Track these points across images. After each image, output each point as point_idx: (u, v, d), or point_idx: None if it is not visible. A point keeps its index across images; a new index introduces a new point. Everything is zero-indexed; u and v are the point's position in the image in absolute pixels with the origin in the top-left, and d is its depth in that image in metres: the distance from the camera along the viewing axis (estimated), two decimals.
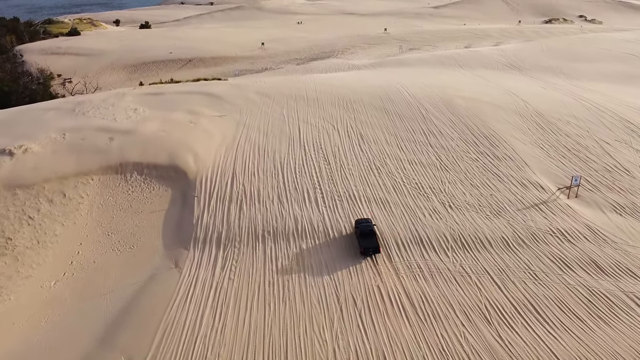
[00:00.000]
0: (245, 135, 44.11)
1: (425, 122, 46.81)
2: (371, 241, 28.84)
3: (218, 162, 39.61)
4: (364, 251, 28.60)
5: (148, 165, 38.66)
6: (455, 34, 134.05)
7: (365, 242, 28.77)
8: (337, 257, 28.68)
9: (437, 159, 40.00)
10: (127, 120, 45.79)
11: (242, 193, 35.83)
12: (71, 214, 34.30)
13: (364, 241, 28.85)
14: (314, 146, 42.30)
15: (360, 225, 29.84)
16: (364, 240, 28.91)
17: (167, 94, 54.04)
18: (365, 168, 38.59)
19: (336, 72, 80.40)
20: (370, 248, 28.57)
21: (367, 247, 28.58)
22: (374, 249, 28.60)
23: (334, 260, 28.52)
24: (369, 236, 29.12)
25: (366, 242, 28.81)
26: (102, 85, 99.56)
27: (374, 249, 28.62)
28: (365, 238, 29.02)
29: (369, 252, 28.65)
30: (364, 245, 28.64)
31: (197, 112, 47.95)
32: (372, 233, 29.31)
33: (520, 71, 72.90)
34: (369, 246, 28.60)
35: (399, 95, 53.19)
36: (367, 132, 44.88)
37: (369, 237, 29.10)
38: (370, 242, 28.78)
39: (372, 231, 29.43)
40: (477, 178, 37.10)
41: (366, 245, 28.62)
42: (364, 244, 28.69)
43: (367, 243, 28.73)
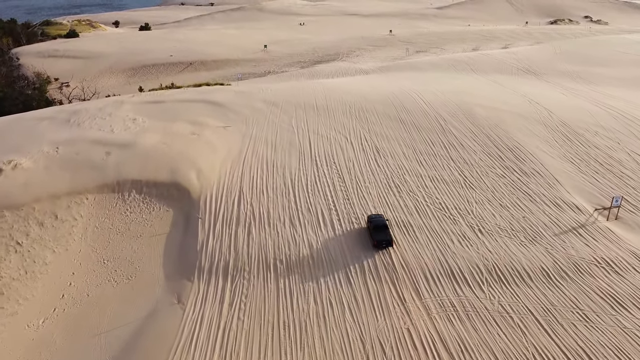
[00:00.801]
0: (252, 149, 41.07)
1: (444, 133, 43.76)
2: (384, 234, 29.02)
3: (223, 179, 36.56)
4: (377, 244, 28.74)
5: (148, 183, 35.62)
6: (462, 35, 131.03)
7: (379, 235, 28.93)
8: (360, 293, 25.62)
9: (461, 175, 36.95)
10: (126, 131, 42.75)
11: (250, 214, 32.78)
12: (63, 238, 31.25)
13: (377, 234, 29.02)
14: (327, 160, 39.25)
15: (373, 219, 30.07)
16: (377, 234, 29.07)
17: (168, 102, 51.00)
18: (384, 186, 35.54)
19: (343, 76, 77.32)
20: (383, 241, 28.74)
21: (381, 240, 28.74)
22: (387, 242, 28.79)
23: (356, 296, 25.46)
24: (382, 229, 29.30)
25: (379, 235, 28.96)
26: (101, 89, 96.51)
27: (387, 242, 28.80)
28: (379, 231, 29.18)
29: (382, 245, 28.76)
30: (377, 239, 28.81)
31: (200, 123, 44.92)
32: (385, 226, 29.53)
33: (536, 76, 69.85)
34: (382, 239, 28.76)
35: (415, 104, 50.15)
36: (383, 144, 41.83)
37: (382, 230, 29.26)
38: (383, 235, 28.94)
39: (385, 225, 29.63)
40: (506, 197, 34.04)
41: (379, 238, 28.78)
42: (377, 237, 28.85)
43: (381, 236, 28.89)
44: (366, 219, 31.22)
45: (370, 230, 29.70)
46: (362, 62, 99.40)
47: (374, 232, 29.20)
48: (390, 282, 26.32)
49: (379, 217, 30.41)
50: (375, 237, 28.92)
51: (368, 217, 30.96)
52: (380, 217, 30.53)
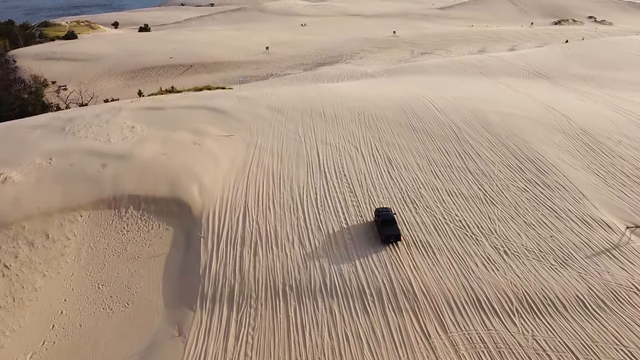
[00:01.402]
0: (257, 159, 38.77)
1: (459, 142, 41.46)
2: (393, 229, 29.00)
3: (227, 193, 34.25)
4: (385, 239, 28.69)
5: (146, 198, 33.31)
6: (467, 36, 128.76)
7: (387, 230, 28.91)
8: (379, 326, 23.31)
9: (480, 189, 34.63)
10: (123, 141, 40.45)
11: (256, 233, 30.46)
12: (55, 260, 28.94)
13: (386, 229, 28.97)
14: (336, 173, 36.94)
15: (381, 214, 30.01)
16: (385, 228, 29.01)
17: (168, 109, 48.70)
18: (399, 201, 33.22)
19: (349, 80, 75.04)
20: (391, 236, 28.70)
21: (389, 234, 28.70)
22: (395, 236, 28.74)
23: (375, 329, 23.16)
24: (390, 224, 29.23)
25: (388, 230, 28.94)
26: (99, 93, 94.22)
27: (395, 237, 28.75)
28: (387, 226, 29.11)
29: (390, 240, 28.72)
30: (385, 233, 28.76)
31: (202, 131, 42.61)
32: (393, 221, 29.45)
33: (549, 79, 67.53)
34: (391, 234, 28.73)
35: (426, 110, 47.84)
36: (395, 155, 39.52)
37: (391, 225, 29.21)
38: (391, 230, 28.92)
39: (393, 219, 29.57)
40: (530, 214, 31.72)
41: (387, 233, 28.76)
42: (386, 232, 28.81)
43: (389, 231, 28.87)
44: (374, 213, 31.20)
45: (378, 225, 29.60)
46: (366, 64, 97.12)
47: (382, 227, 29.10)
48: (412, 312, 24.02)
49: (386, 211, 30.27)
50: (383, 232, 28.86)
51: (375, 210, 30.88)
52: (388, 210, 30.44)
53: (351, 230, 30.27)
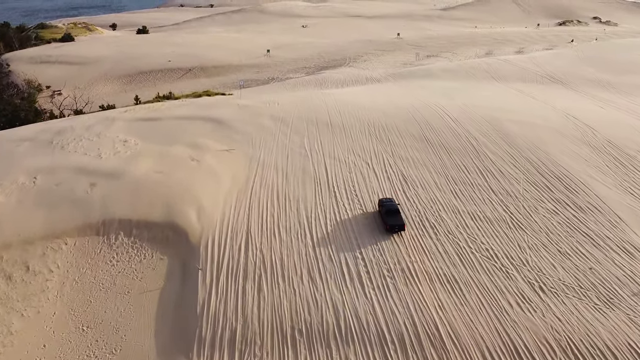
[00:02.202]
0: (261, 177, 35.63)
1: (478, 157, 38.36)
2: (397, 218, 29.32)
3: (228, 217, 31.12)
4: (390, 228, 29.06)
5: (138, 223, 30.20)
6: (473, 38, 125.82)
7: (391, 220, 29.22)
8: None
9: (506, 211, 31.52)
10: (115, 156, 37.34)
11: (260, 264, 27.35)
12: (35, 297, 25.82)
13: (390, 218, 29.29)
14: (347, 192, 33.83)
15: (385, 204, 30.35)
16: (389, 218, 29.33)
17: (165, 120, 45.61)
18: (417, 225, 30.10)
19: (354, 85, 71.98)
20: (396, 225, 29.05)
21: (393, 224, 29.03)
22: (399, 226, 29.10)
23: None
24: (394, 214, 29.62)
25: (392, 219, 29.27)
26: (95, 98, 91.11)
27: (399, 227, 29.10)
28: (391, 216, 29.47)
29: (394, 229, 29.09)
30: (390, 223, 29.07)
31: (201, 145, 39.51)
32: (397, 211, 29.86)
33: (563, 85, 64.48)
34: (395, 223, 29.07)
35: (440, 120, 44.75)
36: (410, 171, 36.40)
37: (395, 214, 29.58)
38: (396, 220, 29.24)
39: (397, 209, 29.98)
40: (564, 241, 28.61)
41: (392, 223, 29.07)
42: (390, 222, 29.12)
43: (393, 220, 29.21)
44: (377, 203, 31.66)
45: (382, 215, 30.03)
46: (371, 68, 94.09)
47: (387, 217, 29.46)
48: None
49: (390, 201, 30.70)
50: (388, 222, 29.17)
51: (379, 200, 31.19)
52: (391, 201, 30.97)
53: (366, 261, 27.15)
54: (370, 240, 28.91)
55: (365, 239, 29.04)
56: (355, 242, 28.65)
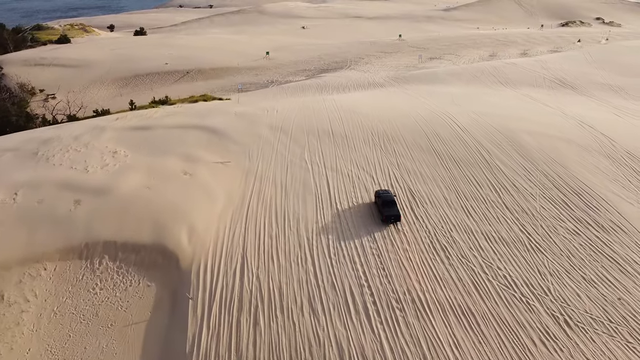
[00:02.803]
0: (258, 192, 33.25)
1: (490, 170, 35.96)
2: (393, 209, 29.77)
3: (222, 239, 28.73)
4: (386, 219, 29.52)
5: (125, 246, 27.82)
6: (476, 40, 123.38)
7: (388, 210, 29.64)
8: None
9: (523, 231, 29.13)
10: (102, 170, 34.94)
11: (256, 292, 24.98)
12: (9, 331, 23.44)
13: (386, 209, 29.71)
14: (351, 209, 31.42)
15: (382, 195, 30.82)
16: (386, 209, 29.76)
17: (157, 129, 43.21)
18: (427, 248, 27.73)
19: (356, 90, 69.55)
20: (392, 216, 29.50)
21: (389, 215, 29.46)
22: (395, 217, 29.55)
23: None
24: (390, 205, 29.98)
25: (388, 210, 29.68)
26: (89, 102, 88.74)
27: (395, 217, 29.56)
28: (388, 206, 29.86)
29: (390, 220, 29.55)
30: (386, 214, 29.51)
31: (194, 157, 37.12)
32: (393, 202, 30.21)
33: (575, 90, 62.09)
34: (391, 214, 29.50)
35: (449, 130, 42.34)
36: (418, 186, 34.01)
37: (391, 205, 29.95)
38: (392, 210, 29.68)
39: (393, 200, 30.31)
40: (588, 266, 26.23)
41: (388, 213, 29.50)
42: (387, 212, 29.56)
43: (389, 211, 29.62)
44: (374, 194, 32.07)
45: (378, 206, 30.47)
46: (373, 70, 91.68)
47: (383, 207, 29.86)
48: None
49: (387, 193, 31.10)
50: (384, 212, 29.59)
51: (376, 192, 31.71)
52: (388, 192, 31.34)
53: (373, 290, 24.77)
54: (377, 264, 26.53)
55: (372, 263, 26.66)
56: (360, 268, 26.27)
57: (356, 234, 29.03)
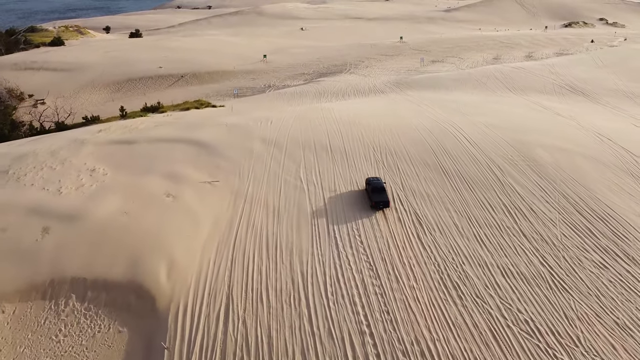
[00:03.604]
0: (248, 218, 30.00)
1: (504, 190, 32.72)
2: (382, 196, 30.56)
3: (205, 275, 25.51)
4: (375, 205, 30.31)
5: (95, 283, 24.60)
6: (479, 42, 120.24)
7: (377, 197, 30.48)
8: None
9: (544, 264, 25.92)
10: (77, 192, 31.73)
11: (242, 342, 21.76)
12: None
13: (375, 196, 30.55)
14: (350, 239, 28.17)
15: (372, 182, 31.59)
16: (375, 195, 30.58)
17: (142, 143, 40.00)
18: (437, 287, 24.50)
19: (356, 96, 66.37)
20: (380, 202, 30.27)
21: (378, 201, 30.28)
22: (384, 203, 30.32)
23: None
24: (380, 191, 30.78)
25: (377, 196, 30.51)
26: (79, 108, 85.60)
27: (384, 203, 30.32)
28: (377, 193, 30.69)
29: (379, 206, 30.35)
30: (375, 200, 30.36)
31: (180, 176, 33.90)
32: (383, 189, 30.97)
33: (587, 97, 58.90)
34: (380, 200, 30.30)
35: (456, 144, 39.12)
36: (425, 210, 30.76)
37: (380, 192, 30.74)
38: (381, 197, 30.48)
39: (383, 187, 31.11)
40: (620, 309, 23.01)
41: (377, 200, 30.33)
42: (375, 199, 30.41)
43: (378, 197, 30.44)
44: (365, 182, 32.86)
45: (368, 193, 31.24)
46: (373, 75, 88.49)
47: (373, 194, 30.68)
48: None
49: (377, 180, 31.90)
50: (373, 199, 30.43)
51: (366, 180, 32.42)
52: (378, 179, 32.10)
53: (376, 340, 21.55)
54: (380, 306, 23.30)
55: (374, 304, 23.43)
56: (362, 312, 23.03)
57: (357, 268, 25.80)
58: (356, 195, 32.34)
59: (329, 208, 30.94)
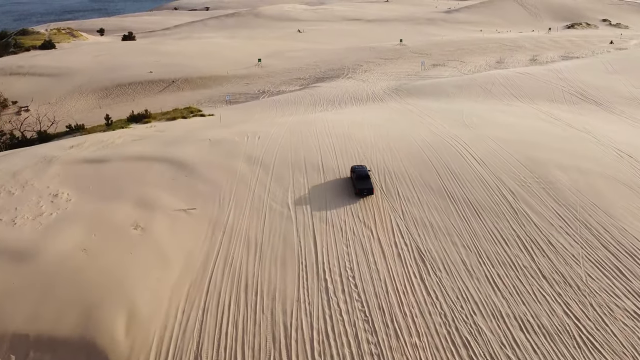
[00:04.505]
0: (225, 256, 26.18)
1: (517, 219, 28.90)
2: (366, 183, 30.99)
3: (171, 329, 21.69)
4: (359, 192, 30.67)
5: (39, 341, 20.77)
6: (481, 45, 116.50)
7: (361, 184, 30.90)
8: None
9: (568, 314, 22.11)
10: (33, 222, 27.94)
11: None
12: None
13: (360, 183, 30.97)
14: (343, 280, 24.42)
15: (356, 170, 32.03)
16: (359, 182, 31.01)
17: (115, 162, 36.19)
18: (443, 344, 20.69)
19: (352, 104, 62.63)
20: (364, 189, 30.63)
21: (362, 188, 30.63)
22: (368, 190, 30.67)
23: None
24: (364, 179, 31.18)
25: (361, 183, 30.94)
26: (65, 115, 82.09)
27: (368, 190, 30.67)
28: (361, 180, 31.09)
29: (363, 193, 30.68)
30: (359, 187, 30.74)
31: (152, 203, 30.12)
32: (367, 176, 31.38)
33: (600, 106, 55.12)
34: (364, 187, 30.68)
35: (462, 163, 35.31)
36: (429, 243, 26.96)
37: (364, 179, 31.16)
38: (365, 184, 30.89)
39: (367, 175, 31.47)
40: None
41: (361, 187, 30.71)
42: (359, 186, 30.82)
43: (362, 184, 30.87)
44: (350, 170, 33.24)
45: (353, 180, 31.66)
46: (372, 80, 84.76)
47: (357, 182, 31.11)
48: None
49: (362, 168, 32.39)
50: (357, 186, 30.81)
51: (352, 168, 32.77)
52: (363, 167, 32.57)
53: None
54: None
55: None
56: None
57: (349, 319, 22.01)
58: (352, 229, 28.53)
59: (318, 241, 27.15)
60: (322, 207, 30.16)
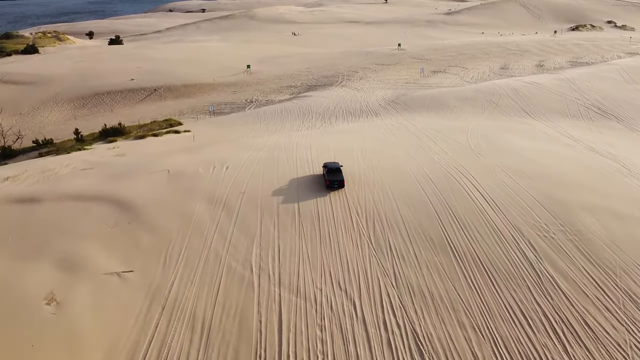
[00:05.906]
0: (160, 346, 19.79)
1: (542, 287, 22.54)
2: (337, 175, 31.23)
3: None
4: (330, 184, 30.88)
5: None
6: (484, 49, 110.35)
7: (331, 176, 31.17)
8: None
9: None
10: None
11: None
12: None
13: (330, 175, 31.31)
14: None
15: (328, 165, 32.33)
16: (330, 175, 31.34)
17: (48, 202, 29.88)
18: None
19: (343, 119, 56.39)
20: (335, 181, 30.87)
21: (333, 180, 30.88)
22: (338, 182, 30.89)
23: None
24: (335, 172, 31.52)
25: (332, 176, 31.22)
26: (37, 127, 76.25)
27: (338, 183, 30.88)
28: (332, 173, 31.43)
29: (334, 185, 30.89)
30: (329, 179, 31.00)
31: (78, 262, 23.81)
32: (338, 170, 31.77)
33: (621, 122, 48.84)
34: (335, 179, 30.93)
35: (469, 205, 28.91)
36: (428, 325, 20.59)
37: (335, 173, 31.45)
38: (336, 176, 31.13)
39: (339, 169, 31.87)
40: None
41: (332, 179, 30.95)
42: (330, 178, 31.09)
43: (333, 177, 31.12)
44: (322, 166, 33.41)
45: (324, 175, 31.75)
46: (367, 88, 78.49)
47: (328, 174, 31.39)
48: None
49: (334, 163, 32.46)
50: (328, 178, 31.04)
51: (324, 164, 32.89)
52: (336, 163, 32.59)
53: None
54: None
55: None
56: None
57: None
58: (330, 304, 22.26)
59: (284, 323, 20.76)
60: (293, 270, 23.82)
